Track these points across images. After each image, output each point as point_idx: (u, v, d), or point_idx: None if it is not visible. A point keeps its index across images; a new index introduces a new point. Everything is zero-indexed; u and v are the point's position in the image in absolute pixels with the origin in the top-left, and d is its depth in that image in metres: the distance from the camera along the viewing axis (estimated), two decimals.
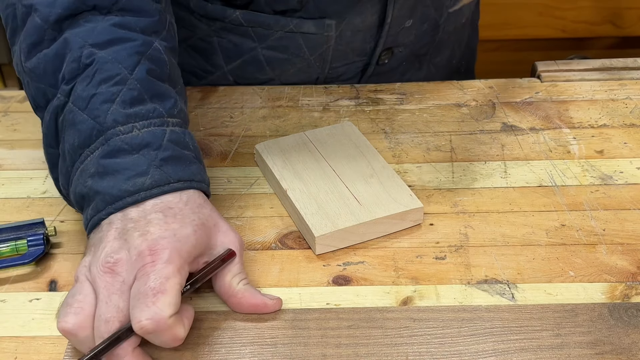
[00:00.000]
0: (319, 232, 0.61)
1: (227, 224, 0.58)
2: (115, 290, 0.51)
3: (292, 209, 0.65)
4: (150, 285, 0.50)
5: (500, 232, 0.64)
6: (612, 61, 0.89)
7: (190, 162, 0.58)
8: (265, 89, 0.85)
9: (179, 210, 0.55)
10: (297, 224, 0.65)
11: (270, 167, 0.68)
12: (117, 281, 0.51)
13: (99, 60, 0.57)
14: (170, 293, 0.50)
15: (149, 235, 0.52)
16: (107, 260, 0.52)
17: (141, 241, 0.52)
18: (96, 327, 0.50)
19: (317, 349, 0.53)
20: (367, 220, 0.62)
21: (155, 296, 0.49)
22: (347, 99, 0.83)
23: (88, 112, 0.56)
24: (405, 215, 0.63)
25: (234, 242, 0.57)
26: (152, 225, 0.53)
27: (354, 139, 0.72)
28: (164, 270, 0.50)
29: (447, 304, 0.57)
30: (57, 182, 0.61)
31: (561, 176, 0.70)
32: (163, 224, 0.53)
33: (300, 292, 0.59)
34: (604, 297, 0.57)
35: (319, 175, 0.67)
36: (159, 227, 0.53)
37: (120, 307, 0.50)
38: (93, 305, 0.51)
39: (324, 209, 0.63)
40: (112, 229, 0.54)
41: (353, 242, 0.63)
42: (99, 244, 0.54)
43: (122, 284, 0.51)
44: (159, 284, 0.50)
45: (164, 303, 0.49)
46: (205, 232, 0.55)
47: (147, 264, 0.51)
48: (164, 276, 0.50)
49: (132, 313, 0.50)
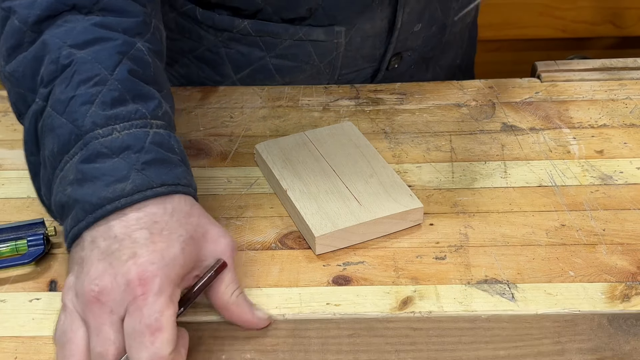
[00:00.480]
0: (319, 232, 0.61)
1: (217, 228, 0.55)
2: (104, 321, 0.49)
3: (292, 209, 0.65)
4: (145, 322, 0.48)
5: (500, 232, 0.64)
6: (612, 61, 0.89)
7: (175, 165, 0.54)
8: (265, 89, 0.85)
9: (165, 224, 0.52)
10: (297, 224, 0.65)
11: (270, 167, 0.68)
12: (105, 312, 0.49)
13: (77, 60, 0.55)
14: (167, 329, 0.48)
15: (137, 259, 0.50)
16: (91, 289, 0.49)
17: (128, 268, 0.49)
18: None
19: (318, 356, 0.53)
20: (367, 220, 0.62)
21: (152, 335, 0.48)
22: (347, 99, 0.83)
23: (66, 115, 0.53)
24: (406, 215, 0.63)
25: (225, 251, 0.55)
26: (138, 246, 0.50)
27: (354, 139, 0.72)
28: (157, 303, 0.49)
29: (447, 304, 0.57)
30: (40, 192, 0.59)
31: (561, 176, 0.70)
32: (150, 244, 0.50)
33: (300, 292, 0.59)
34: (604, 297, 0.57)
35: (319, 175, 0.67)
36: (146, 249, 0.50)
37: (112, 339, 0.49)
38: (85, 339, 0.49)
39: (324, 209, 0.63)
40: (94, 248, 0.51)
41: (353, 242, 0.63)
42: (81, 263, 0.51)
43: (111, 314, 0.49)
44: (154, 320, 0.48)
45: (162, 342, 0.48)
46: (194, 246, 0.53)
47: (138, 297, 0.49)
48: (158, 311, 0.48)
49: (130, 353, 0.48)
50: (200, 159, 0.74)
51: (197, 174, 0.72)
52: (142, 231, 0.51)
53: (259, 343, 0.54)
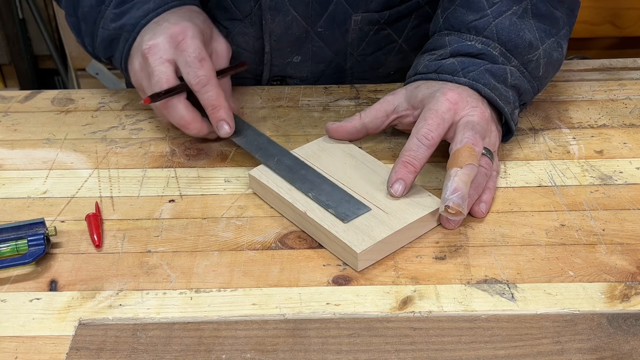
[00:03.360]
0: (360, 248, 0.59)
1: (218, 32, 0.77)
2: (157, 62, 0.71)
3: (317, 229, 0.62)
4: (192, 55, 0.70)
5: (500, 232, 0.64)
6: (611, 61, 0.89)
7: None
8: (265, 89, 0.85)
9: (182, 12, 0.74)
10: (326, 244, 0.62)
11: (277, 192, 0.65)
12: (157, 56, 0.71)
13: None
14: (207, 60, 0.70)
15: (171, 21, 0.72)
16: (143, 46, 0.71)
17: (168, 26, 0.72)
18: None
19: (318, 356, 0.53)
20: (400, 227, 0.61)
21: (200, 62, 0.70)
22: (347, 99, 0.83)
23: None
24: (432, 216, 0.63)
25: (227, 49, 0.76)
26: (170, 19, 0.73)
27: (346, 150, 0.71)
28: (194, 43, 0.70)
29: (446, 304, 0.57)
30: (84, 44, 0.80)
31: (561, 176, 0.70)
32: (177, 17, 0.73)
33: (300, 292, 0.59)
34: (603, 297, 0.57)
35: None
36: (176, 17, 0.73)
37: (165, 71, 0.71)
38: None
39: (354, 224, 0.61)
40: (142, 31, 0.74)
41: (387, 253, 0.61)
42: (137, 47, 0.73)
43: (160, 58, 0.71)
44: (197, 53, 0.70)
45: (209, 66, 0.70)
46: (204, 21, 0.75)
47: (180, 42, 0.70)
48: (198, 47, 0.70)
49: (188, 73, 0.69)
50: (200, 159, 0.74)
51: (197, 174, 0.72)
52: (168, 14, 0.74)
53: (259, 343, 0.54)
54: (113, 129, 0.79)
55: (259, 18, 0.84)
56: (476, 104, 0.68)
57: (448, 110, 0.66)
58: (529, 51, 0.71)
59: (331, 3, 0.83)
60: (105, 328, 0.56)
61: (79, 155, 0.75)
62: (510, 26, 0.71)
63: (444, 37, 0.74)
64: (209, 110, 0.71)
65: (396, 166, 0.64)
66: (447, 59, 0.72)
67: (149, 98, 0.70)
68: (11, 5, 2.05)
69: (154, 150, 0.76)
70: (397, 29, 0.88)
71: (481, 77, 0.70)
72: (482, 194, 0.66)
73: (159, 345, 0.54)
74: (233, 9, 0.84)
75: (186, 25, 0.71)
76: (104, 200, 0.69)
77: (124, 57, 0.75)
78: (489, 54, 0.71)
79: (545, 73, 0.73)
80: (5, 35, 2.03)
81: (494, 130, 0.70)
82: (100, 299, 0.58)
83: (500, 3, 0.71)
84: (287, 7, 0.82)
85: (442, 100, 0.66)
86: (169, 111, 0.71)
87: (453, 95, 0.67)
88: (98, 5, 0.76)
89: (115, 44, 0.76)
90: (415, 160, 0.64)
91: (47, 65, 2.20)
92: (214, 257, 0.62)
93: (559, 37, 0.73)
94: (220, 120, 0.71)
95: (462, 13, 0.73)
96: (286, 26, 0.84)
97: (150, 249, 0.63)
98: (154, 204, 0.68)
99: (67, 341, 0.55)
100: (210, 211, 0.67)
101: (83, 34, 0.79)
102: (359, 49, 0.88)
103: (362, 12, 0.85)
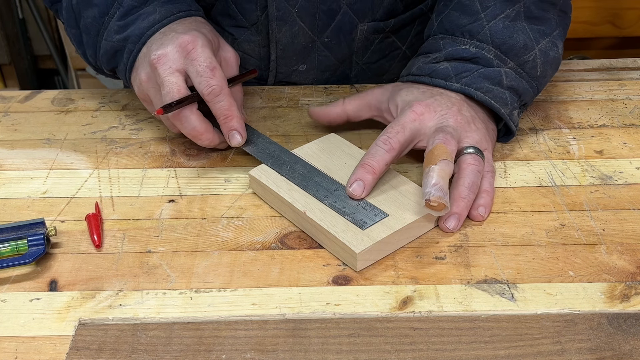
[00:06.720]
0: (359, 248, 0.59)
1: (224, 41, 0.75)
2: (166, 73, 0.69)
3: (316, 229, 0.63)
4: (204, 64, 0.69)
5: (500, 232, 0.64)
6: (611, 61, 0.89)
7: (185, 1, 0.76)
8: (265, 89, 0.85)
9: (188, 22, 0.73)
10: (326, 244, 0.62)
11: (277, 191, 0.65)
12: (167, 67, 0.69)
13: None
14: (219, 69, 0.69)
15: (179, 31, 0.71)
16: (151, 57, 0.70)
17: (176, 35, 0.70)
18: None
19: (318, 356, 0.53)
20: (399, 227, 0.61)
21: (212, 71, 0.69)
22: None
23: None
24: (432, 216, 0.63)
25: (236, 57, 0.75)
26: (177, 29, 0.72)
27: (346, 150, 0.71)
28: (205, 52, 0.69)
29: (446, 304, 0.57)
30: (85, 55, 0.79)
31: (561, 176, 0.70)
32: (184, 27, 0.72)
33: (300, 292, 0.59)
34: (603, 297, 0.57)
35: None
36: (183, 27, 0.72)
37: (175, 82, 0.69)
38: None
39: (353, 223, 0.62)
40: (148, 41, 0.72)
41: (387, 253, 0.62)
42: (143, 57, 0.72)
43: (170, 67, 0.69)
44: (209, 62, 0.69)
45: (220, 75, 0.69)
46: (211, 30, 0.74)
47: (190, 51, 0.69)
48: (208, 56, 0.69)
49: (200, 83, 0.68)
50: (200, 159, 0.74)
51: (197, 174, 0.72)
52: (175, 25, 0.73)
53: (259, 343, 0.54)
54: (113, 129, 0.79)
55: (265, 27, 0.84)
56: (446, 111, 0.69)
57: (413, 121, 0.68)
58: (524, 52, 0.71)
59: (338, 14, 0.84)
60: (105, 328, 0.56)
61: (79, 155, 0.75)
62: (504, 29, 0.71)
63: (439, 40, 0.74)
64: (221, 119, 0.70)
65: (355, 169, 0.65)
66: (441, 63, 0.72)
67: (162, 109, 0.68)
68: (11, 5, 2.05)
69: (154, 150, 0.76)
70: (401, 36, 0.89)
71: (474, 82, 0.70)
72: (479, 197, 0.66)
73: (159, 345, 0.54)
74: (239, 17, 0.85)
75: (195, 35, 0.70)
76: (104, 200, 0.69)
77: (128, 68, 0.74)
78: (483, 57, 0.71)
79: (544, 72, 0.74)
80: (5, 35, 2.03)
81: (480, 129, 0.70)
82: (100, 299, 0.58)
83: (494, 6, 0.72)
84: (294, 17, 0.83)
85: (408, 113, 0.68)
86: (181, 122, 0.70)
87: (420, 108, 0.69)
88: (101, 17, 0.74)
89: (120, 55, 0.74)
90: (374, 162, 0.65)
91: (47, 65, 2.20)
92: (214, 257, 0.62)
93: (553, 37, 0.74)
94: (232, 129, 0.70)
95: (456, 17, 0.73)
96: (292, 36, 0.85)
97: (150, 249, 0.63)
98: (154, 204, 0.68)
99: (67, 341, 0.55)
100: (210, 211, 0.67)
101: (85, 45, 0.78)
102: (364, 57, 0.89)
103: (368, 21, 0.85)
